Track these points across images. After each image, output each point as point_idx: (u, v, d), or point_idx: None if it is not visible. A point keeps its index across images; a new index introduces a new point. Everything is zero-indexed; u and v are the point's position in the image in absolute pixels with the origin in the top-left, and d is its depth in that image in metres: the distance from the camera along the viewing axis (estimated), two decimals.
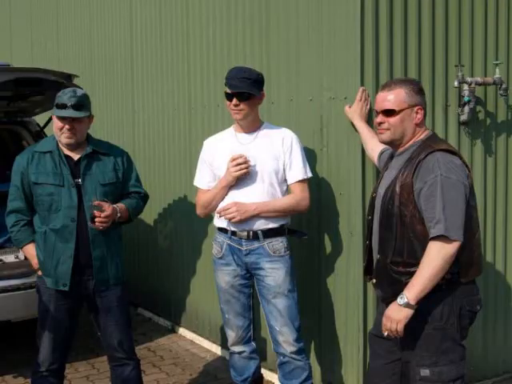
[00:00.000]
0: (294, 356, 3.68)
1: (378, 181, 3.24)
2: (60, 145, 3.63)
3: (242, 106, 3.56)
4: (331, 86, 3.94)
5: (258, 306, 3.98)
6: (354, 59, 3.78)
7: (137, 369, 3.82)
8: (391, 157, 3.19)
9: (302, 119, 4.17)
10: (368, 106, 3.76)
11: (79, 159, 3.63)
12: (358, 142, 3.79)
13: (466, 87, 3.96)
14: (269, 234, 3.64)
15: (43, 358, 3.64)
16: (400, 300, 2.83)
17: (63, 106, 3.52)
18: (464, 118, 4.03)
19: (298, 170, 3.65)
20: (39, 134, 5.73)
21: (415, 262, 2.87)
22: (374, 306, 3.84)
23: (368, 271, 3.24)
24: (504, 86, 4.06)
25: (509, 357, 4.48)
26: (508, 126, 4.32)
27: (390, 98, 2.98)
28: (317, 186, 4.04)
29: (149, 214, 5.86)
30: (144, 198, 3.94)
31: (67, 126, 3.54)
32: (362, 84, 3.77)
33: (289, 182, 3.68)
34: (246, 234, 3.64)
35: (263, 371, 4.20)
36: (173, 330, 5.75)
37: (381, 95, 3.03)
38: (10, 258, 5.06)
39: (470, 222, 2.88)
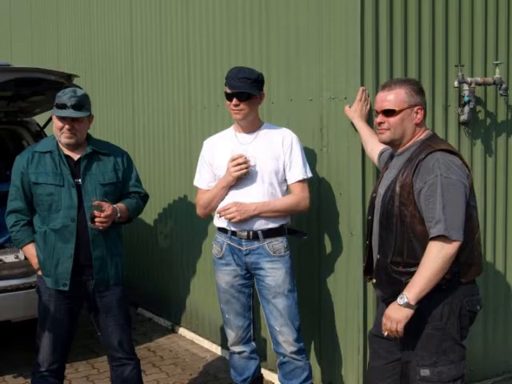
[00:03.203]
0: (293, 356, 3.69)
1: (377, 181, 3.24)
2: (60, 145, 3.63)
3: (241, 106, 3.56)
4: (331, 86, 3.94)
5: (258, 306, 3.98)
6: (354, 59, 3.78)
7: (137, 369, 3.81)
8: (391, 157, 3.19)
9: (302, 119, 4.16)
10: (368, 106, 3.76)
11: (79, 159, 3.63)
12: (358, 142, 3.79)
13: (466, 87, 3.96)
14: (269, 234, 3.64)
15: (43, 358, 3.64)
16: (400, 300, 2.83)
17: (63, 106, 3.52)
18: (464, 117, 4.03)
19: (297, 170, 3.65)
20: (39, 134, 5.73)
21: (415, 262, 2.87)
22: (374, 305, 3.84)
23: (368, 271, 3.24)
24: (504, 85, 4.06)
25: (509, 357, 4.48)
26: (508, 125, 4.32)
27: (390, 98, 2.98)
28: (317, 186, 4.04)
29: (149, 214, 5.86)
30: (144, 198, 3.93)
31: (67, 126, 3.54)
32: (362, 84, 3.77)
33: (289, 182, 3.68)
34: (246, 234, 3.64)
35: (263, 371, 4.19)
36: (173, 330, 5.74)
37: (381, 95, 3.03)
38: (10, 258, 5.05)
39: (470, 221, 2.88)
